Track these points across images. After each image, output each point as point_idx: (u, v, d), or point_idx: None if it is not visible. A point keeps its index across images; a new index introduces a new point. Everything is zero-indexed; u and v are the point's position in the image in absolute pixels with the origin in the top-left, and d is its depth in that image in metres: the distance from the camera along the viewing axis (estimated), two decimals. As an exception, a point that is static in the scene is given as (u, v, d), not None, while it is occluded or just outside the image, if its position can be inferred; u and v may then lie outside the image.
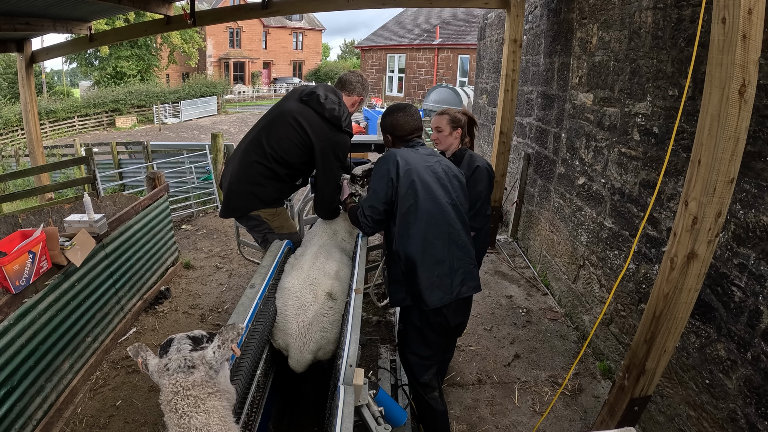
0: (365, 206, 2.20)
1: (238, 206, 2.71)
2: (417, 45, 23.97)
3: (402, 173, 2.10)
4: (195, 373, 1.20)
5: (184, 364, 1.20)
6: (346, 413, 1.43)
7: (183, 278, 4.68)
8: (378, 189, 2.15)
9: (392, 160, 2.14)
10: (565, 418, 2.89)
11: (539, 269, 4.79)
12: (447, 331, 2.27)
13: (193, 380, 1.19)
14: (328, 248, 2.50)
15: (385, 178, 2.12)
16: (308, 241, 2.61)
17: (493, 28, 6.57)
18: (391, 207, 2.16)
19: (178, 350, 1.24)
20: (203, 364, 1.21)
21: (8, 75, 24.04)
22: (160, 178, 4.55)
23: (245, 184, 2.62)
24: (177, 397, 1.17)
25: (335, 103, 2.52)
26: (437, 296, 2.10)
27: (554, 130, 4.45)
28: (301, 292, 2.17)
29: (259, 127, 2.65)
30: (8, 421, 2.35)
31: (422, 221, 2.10)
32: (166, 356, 1.24)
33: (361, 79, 2.71)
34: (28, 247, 2.51)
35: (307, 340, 2.10)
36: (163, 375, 1.20)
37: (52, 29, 5.23)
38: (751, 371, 2.00)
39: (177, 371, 1.19)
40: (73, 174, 9.44)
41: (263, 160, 2.56)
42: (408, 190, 2.10)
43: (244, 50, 36.46)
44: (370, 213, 2.19)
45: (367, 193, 2.35)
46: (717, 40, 1.72)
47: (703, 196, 1.83)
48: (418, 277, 2.10)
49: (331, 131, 2.51)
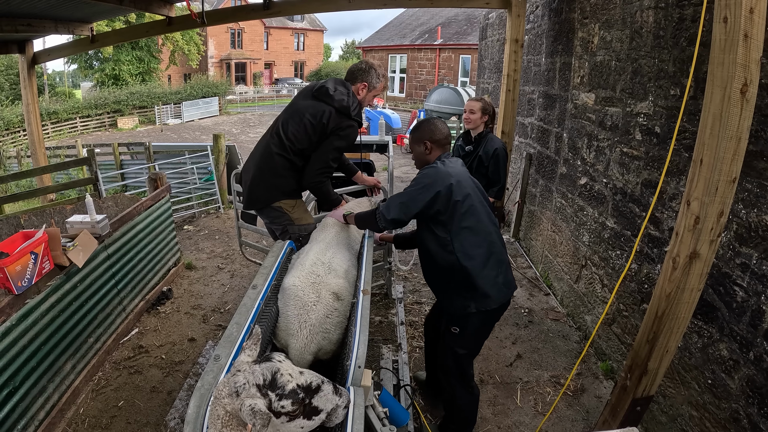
0: (394, 205, 2.24)
1: (260, 197, 2.82)
2: (418, 45, 23.97)
3: (455, 187, 2.18)
4: (235, 400, 1.23)
5: (235, 388, 1.24)
6: (357, 414, 1.43)
7: (185, 279, 4.69)
8: (418, 197, 2.20)
9: (442, 172, 2.21)
10: (568, 418, 2.88)
11: (541, 269, 4.79)
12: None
13: (227, 402, 1.23)
14: (336, 245, 2.48)
15: (432, 189, 2.17)
16: (315, 238, 2.60)
17: (495, 28, 6.56)
18: (421, 214, 2.24)
19: (252, 373, 1.26)
20: (241, 403, 1.21)
21: (10, 76, 24.10)
22: (162, 178, 4.56)
23: (267, 175, 2.76)
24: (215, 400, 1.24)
25: (344, 94, 2.65)
26: (503, 293, 2.30)
27: (556, 130, 4.45)
28: (304, 291, 2.12)
29: (278, 123, 2.78)
30: (11, 422, 2.36)
31: (482, 224, 2.25)
32: (246, 367, 1.28)
33: (365, 66, 2.79)
34: (30, 248, 2.52)
35: (308, 341, 2.08)
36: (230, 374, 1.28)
37: (53, 30, 5.25)
38: (753, 371, 2.00)
39: (226, 384, 1.26)
40: (75, 175, 9.46)
41: (283, 152, 2.70)
42: (466, 199, 2.20)
43: (246, 51, 36.52)
44: (398, 215, 2.24)
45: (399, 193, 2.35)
46: (718, 39, 1.71)
47: (705, 195, 1.82)
48: (484, 280, 2.23)
49: (341, 119, 2.64)
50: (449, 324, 2.40)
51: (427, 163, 2.37)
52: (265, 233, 4.66)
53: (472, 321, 2.33)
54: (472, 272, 2.21)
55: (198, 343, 3.60)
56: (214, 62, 35.10)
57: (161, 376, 3.21)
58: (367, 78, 2.75)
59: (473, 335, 2.40)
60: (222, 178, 7.28)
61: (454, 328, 2.38)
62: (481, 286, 2.22)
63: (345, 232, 2.69)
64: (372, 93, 2.80)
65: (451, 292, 2.32)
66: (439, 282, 2.42)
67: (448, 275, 2.30)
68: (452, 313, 2.37)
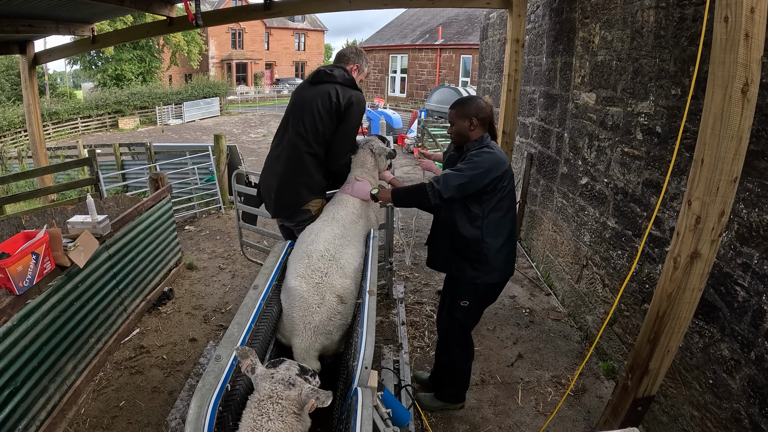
0: (453, 184, 2.27)
1: (290, 202, 2.77)
2: (419, 45, 23.96)
3: (508, 172, 2.38)
4: (292, 390, 1.44)
5: (288, 380, 1.45)
6: (365, 415, 1.43)
7: (186, 279, 4.69)
8: (478, 180, 2.29)
9: (499, 158, 2.35)
10: (569, 418, 2.88)
11: (542, 269, 4.79)
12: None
13: (287, 395, 1.42)
14: (347, 233, 2.40)
15: (492, 174, 2.30)
16: (327, 215, 2.51)
17: (495, 28, 6.56)
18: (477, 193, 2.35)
19: (287, 369, 1.50)
20: (300, 388, 1.45)
21: (11, 76, 24.15)
22: (163, 179, 4.56)
23: (296, 176, 2.71)
24: (270, 400, 1.40)
25: (342, 71, 2.72)
26: (510, 269, 2.55)
27: (557, 129, 4.45)
28: (309, 293, 2.09)
29: (294, 123, 2.72)
30: (12, 422, 2.36)
31: (512, 209, 2.48)
32: (275, 368, 1.50)
33: (354, 50, 2.88)
34: (31, 249, 2.52)
35: (312, 341, 2.09)
36: (266, 380, 1.45)
37: (54, 31, 5.25)
38: (754, 371, 2.00)
39: (279, 382, 1.44)
40: (76, 175, 9.48)
41: (311, 149, 2.68)
42: (509, 183, 2.41)
43: (247, 51, 36.55)
44: (455, 193, 2.28)
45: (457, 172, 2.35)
46: (719, 38, 1.71)
47: (706, 195, 1.82)
48: (498, 257, 2.44)
49: (346, 91, 2.67)
50: (457, 298, 2.56)
51: (468, 139, 2.45)
52: (266, 234, 4.68)
53: (480, 292, 2.53)
54: (491, 249, 2.41)
55: (199, 343, 3.60)
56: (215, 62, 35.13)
57: (162, 377, 3.21)
58: (358, 60, 2.84)
59: (479, 307, 2.64)
60: (223, 178, 7.28)
61: (463, 302, 2.55)
62: (492, 262, 2.43)
63: (362, 216, 2.59)
64: (360, 76, 2.85)
65: (463, 261, 2.48)
66: (453, 250, 2.52)
67: (465, 245, 2.44)
68: (462, 282, 2.52)
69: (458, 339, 2.69)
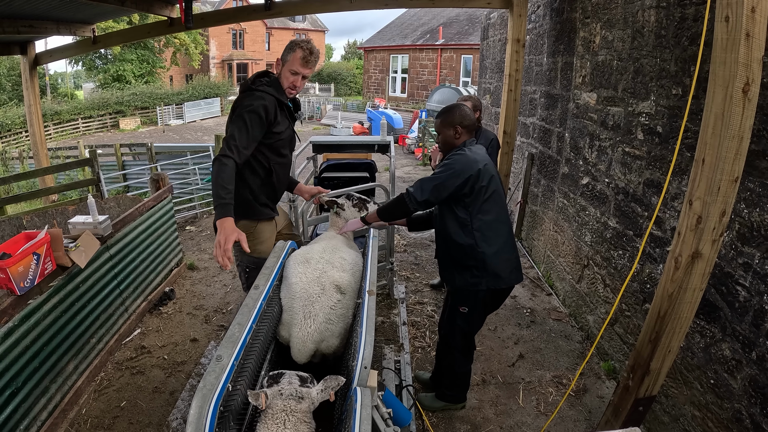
0: (427, 188, 2.33)
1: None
2: (420, 45, 23.94)
3: (483, 171, 2.33)
4: (302, 403, 1.52)
5: (296, 394, 1.54)
6: (364, 415, 1.42)
7: (187, 279, 4.70)
8: (450, 182, 2.31)
9: (470, 158, 2.34)
10: (570, 418, 2.88)
11: (543, 269, 4.78)
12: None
13: (300, 407, 1.52)
14: (338, 244, 2.52)
15: (463, 174, 2.30)
16: (320, 238, 2.64)
17: (496, 28, 6.56)
18: (450, 196, 2.36)
19: (290, 383, 1.57)
20: (310, 399, 1.55)
21: (12, 77, 24.19)
22: (164, 179, 4.57)
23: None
24: (283, 413, 1.49)
25: (249, 78, 2.64)
26: (515, 275, 2.50)
27: (558, 129, 4.44)
28: (309, 285, 2.17)
29: None
30: (13, 422, 2.37)
31: (503, 211, 2.46)
32: (278, 384, 1.57)
33: (288, 45, 2.59)
34: (32, 249, 2.52)
35: (312, 330, 2.08)
36: (276, 397, 1.52)
37: (55, 31, 5.27)
38: (756, 371, 1.99)
39: (289, 398, 1.52)
40: (77, 176, 9.49)
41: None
42: (490, 184, 2.36)
43: (247, 51, 36.53)
44: (429, 197, 2.33)
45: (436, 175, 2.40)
46: (720, 38, 1.71)
47: (707, 195, 1.82)
48: (498, 260, 2.41)
49: (241, 95, 2.56)
50: (457, 303, 2.54)
51: (454, 146, 2.46)
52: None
53: (481, 299, 2.49)
54: (488, 252, 2.38)
55: (200, 343, 3.60)
56: (216, 63, 35.12)
57: (163, 377, 3.22)
58: (282, 55, 2.57)
59: (480, 313, 2.58)
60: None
61: (462, 308, 2.52)
62: (493, 266, 2.39)
63: (346, 240, 2.70)
64: (286, 67, 2.53)
65: (463, 270, 2.46)
66: (452, 260, 2.52)
67: (462, 253, 2.43)
68: (462, 289, 2.50)
69: (459, 345, 2.68)
